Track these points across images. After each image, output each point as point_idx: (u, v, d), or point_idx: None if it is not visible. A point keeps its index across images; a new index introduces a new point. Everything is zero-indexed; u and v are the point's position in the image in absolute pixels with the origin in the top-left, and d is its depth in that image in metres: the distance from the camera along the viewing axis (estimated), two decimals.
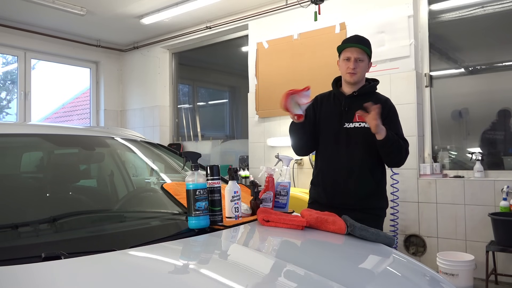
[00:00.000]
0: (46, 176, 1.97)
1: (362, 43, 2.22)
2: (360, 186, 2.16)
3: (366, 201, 2.15)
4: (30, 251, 1.18)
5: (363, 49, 2.19)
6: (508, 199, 3.31)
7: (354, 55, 2.17)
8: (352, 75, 2.19)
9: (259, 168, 2.05)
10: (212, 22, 5.39)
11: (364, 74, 2.25)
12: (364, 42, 2.25)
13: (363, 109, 2.11)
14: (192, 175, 1.49)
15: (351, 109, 2.21)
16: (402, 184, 3.82)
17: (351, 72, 2.18)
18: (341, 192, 2.18)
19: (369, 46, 2.25)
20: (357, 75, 2.19)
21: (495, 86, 3.75)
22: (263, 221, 1.61)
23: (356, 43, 2.20)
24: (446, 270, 3.23)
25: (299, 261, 1.27)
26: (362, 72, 2.21)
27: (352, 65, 2.17)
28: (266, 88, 4.84)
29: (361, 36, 2.29)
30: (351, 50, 2.19)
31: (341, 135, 2.20)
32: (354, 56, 2.17)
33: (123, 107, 6.67)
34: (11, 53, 5.69)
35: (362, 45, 2.20)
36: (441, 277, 1.44)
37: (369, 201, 2.16)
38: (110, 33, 5.96)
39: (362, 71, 2.21)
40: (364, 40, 2.26)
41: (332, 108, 2.28)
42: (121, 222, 1.64)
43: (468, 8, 3.83)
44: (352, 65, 2.17)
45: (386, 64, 3.96)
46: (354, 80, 2.21)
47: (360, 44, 2.20)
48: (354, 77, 2.19)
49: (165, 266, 1.18)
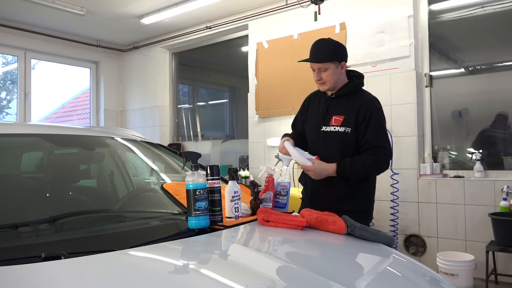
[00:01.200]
0: (46, 176, 1.97)
1: (318, 57, 2.15)
2: (331, 190, 2.13)
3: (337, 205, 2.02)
4: (30, 251, 1.18)
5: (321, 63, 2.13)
6: (508, 199, 3.31)
7: (316, 67, 2.16)
8: (321, 84, 2.19)
9: (259, 168, 2.05)
10: (212, 22, 5.39)
11: (337, 78, 2.17)
12: (321, 53, 2.15)
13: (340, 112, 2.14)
14: (192, 175, 1.49)
15: (329, 112, 2.19)
16: (402, 184, 3.82)
17: (319, 83, 2.19)
18: (316, 195, 2.20)
19: (329, 54, 2.14)
20: (327, 84, 2.17)
21: (495, 86, 3.75)
22: (263, 221, 1.61)
23: (312, 60, 2.16)
24: (446, 270, 3.23)
25: (299, 261, 1.27)
26: (330, 78, 2.15)
27: (316, 77, 2.17)
28: (266, 88, 4.84)
29: (320, 45, 2.19)
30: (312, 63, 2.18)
31: (319, 138, 2.20)
32: (316, 68, 2.16)
33: (123, 107, 6.67)
34: (11, 53, 5.69)
35: (318, 61, 2.14)
36: (441, 277, 1.44)
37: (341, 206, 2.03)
38: (110, 33, 5.96)
39: (330, 78, 2.15)
40: (321, 51, 2.16)
41: (315, 109, 2.28)
42: (121, 222, 1.64)
43: (468, 8, 3.83)
44: (316, 77, 2.17)
45: (386, 64, 3.96)
46: (325, 89, 2.20)
47: (315, 61, 2.14)
48: (323, 86, 2.19)
49: (165, 266, 1.18)
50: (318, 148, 2.18)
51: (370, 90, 2.28)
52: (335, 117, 2.15)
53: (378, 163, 2.07)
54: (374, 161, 2.06)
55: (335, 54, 2.16)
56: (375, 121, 2.10)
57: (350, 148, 2.12)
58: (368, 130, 2.08)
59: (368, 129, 2.08)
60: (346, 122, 2.12)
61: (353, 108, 2.12)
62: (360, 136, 2.10)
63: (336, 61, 2.15)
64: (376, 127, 2.10)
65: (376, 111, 2.13)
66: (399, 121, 3.87)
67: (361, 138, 2.10)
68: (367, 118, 2.09)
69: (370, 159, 2.06)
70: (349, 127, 2.11)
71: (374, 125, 2.10)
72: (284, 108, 4.65)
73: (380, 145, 2.09)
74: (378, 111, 2.14)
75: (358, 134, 2.11)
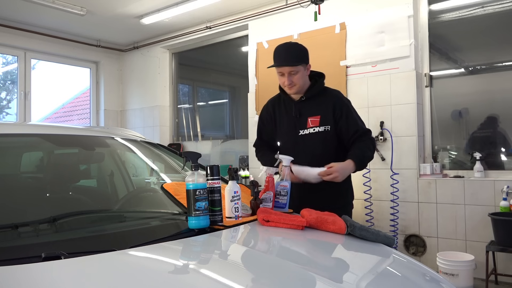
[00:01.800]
0: (46, 176, 1.97)
1: (289, 60, 2.14)
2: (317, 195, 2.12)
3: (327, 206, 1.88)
4: (30, 251, 1.18)
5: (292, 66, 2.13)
6: (508, 199, 3.31)
7: (286, 71, 2.14)
8: (290, 88, 2.18)
9: (259, 168, 2.05)
10: (212, 22, 5.39)
11: (304, 80, 2.20)
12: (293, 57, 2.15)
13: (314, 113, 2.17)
14: (192, 175, 1.49)
15: (302, 115, 2.20)
16: (402, 184, 3.82)
17: (289, 86, 2.17)
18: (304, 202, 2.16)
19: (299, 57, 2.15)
20: (296, 86, 2.17)
21: (495, 86, 3.75)
22: (263, 221, 1.61)
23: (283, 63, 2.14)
24: (446, 270, 3.23)
25: (299, 261, 1.27)
26: (300, 81, 2.17)
27: (287, 81, 2.15)
28: (266, 88, 4.84)
29: (287, 49, 2.19)
30: (281, 67, 2.15)
31: (297, 142, 2.20)
32: (286, 72, 2.14)
33: (123, 107, 6.67)
34: (11, 53, 5.69)
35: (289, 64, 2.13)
36: (441, 277, 1.44)
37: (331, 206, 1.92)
38: (110, 33, 5.96)
39: (300, 80, 2.16)
40: (290, 54, 2.16)
41: (284, 115, 2.27)
42: (121, 222, 1.64)
43: (468, 8, 3.83)
44: (287, 81, 2.15)
45: (386, 64, 3.96)
46: (295, 92, 2.21)
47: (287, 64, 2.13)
48: (293, 89, 2.19)
49: (165, 266, 1.18)
50: (298, 152, 2.14)
51: (370, 90, 2.30)
52: (311, 119, 2.18)
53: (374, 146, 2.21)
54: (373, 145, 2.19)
55: (304, 56, 2.19)
56: (352, 112, 2.22)
57: (333, 145, 2.18)
58: (350, 121, 2.18)
59: (350, 120, 2.18)
60: (324, 121, 2.17)
61: (327, 106, 2.18)
62: (344, 129, 2.17)
63: (304, 64, 2.17)
64: (354, 116, 2.21)
65: (347, 102, 2.26)
66: (399, 121, 3.87)
67: (345, 131, 2.17)
68: (344, 111, 2.18)
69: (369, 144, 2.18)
70: (327, 125, 2.17)
71: (352, 115, 2.20)
72: None
73: (366, 130, 2.22)
74: (348, 103, 2.26)
75: (339, 129, 2.18)
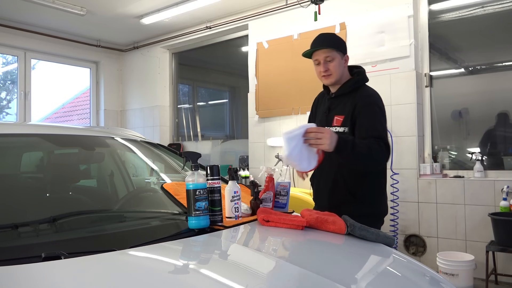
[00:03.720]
0: (46, 176, 1.97)
1: (326, 43, 2.09)
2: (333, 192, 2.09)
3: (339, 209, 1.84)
4: (30, 251, 1.18)
5: (328, 48, 2.06)
6: (508, 199, 3.31)
7: (322, 57, 2.07)
8: (326, 77, 2.10)
9: (259, 168, 2.04)
10: (212, 22, 5.39)
11: (342, 71, 2.11)
12: (328, 40, 2.11)
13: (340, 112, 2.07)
14: (192, 175, 1.49)
15: (331, 112, 2.15)
16: (402, 184, 3.82)
17: (325, 75, 2.10)
18: (321, 197, 2.18)
19: (335, 42, 2.11)
20: (333, 76, 2.09)
21: (495, 86, 3.75)
22: (263, 221, 1.61)
23: (319, 46, 2.09)
24: (446, 270, 3.23)
25: (299, 261, 1.27)
26: (336, 70, 2.08)
27: (323, 68, 2.08)
28: (266, 88, 4.84)
29: (324, 35, 2.16)
30: (317, 53, 2.09)
31: None
32: (322, 58, 2.08)
33: (123, 107, 6.67)
34: (11, 53, 5.69)
35: (326, 46, 2.08)
36: (441, 277, 1.44)
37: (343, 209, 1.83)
38: (110, 33, 5.96)
39: (337, 69, 2.08)
40: (327, 38, 2.13)
41: (320, 110, 2.25)
42: (121, 222, 1.64)
43: (468, 8, 3.83)
44: (323, 68, 2.08)
45: (386, 64, 3.96)
46: (331, 82, 2.12)
47: (323, 46, 2.08)
48: (330, 79, 2.10)
49: (165, 266, 1.18)
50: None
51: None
52: (337, 117, 2.10)
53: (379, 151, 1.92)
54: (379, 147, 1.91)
55: (340, 44, 2.12)
56: (371, 112, 2.01)
57: None
58: (364, 121, 1.99)
59: (365, 120, 1.99)
60: (345, 122, 2.06)
61: (352, 106, 2.05)
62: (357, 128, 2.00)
63: (341, 52, 2.10)
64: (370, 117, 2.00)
65: (373, 104, 2.04)
66: (399, 121, 3.87)
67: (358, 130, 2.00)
68: (362, 110, 2.01)
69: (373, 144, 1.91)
70: (346, 126, 2.05)
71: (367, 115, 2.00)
72: (284, 108, 4.65)
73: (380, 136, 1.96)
74: (375, 105, 2.04)
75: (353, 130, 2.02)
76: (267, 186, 1.86)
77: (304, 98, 4.39)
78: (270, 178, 1.88)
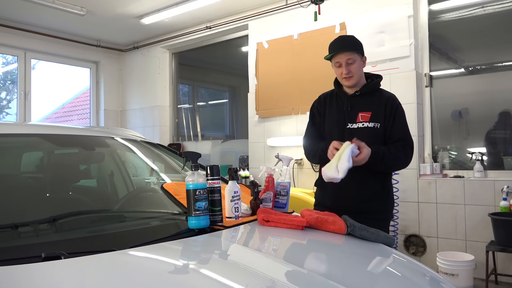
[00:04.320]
0: (46, 176, 1.97)
1: (347, 46, 2.16)
2: (361, 189, 2.11)
3: (367, 204, 2.09)
4: (30, 251, 1.18)
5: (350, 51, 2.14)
6: (508, 199, 3.31)
7: (344, 60, 2.13)
8: (348, 79, 2.16)
9: (259, 168, 2.04)
10: (212, 22, 5.39)
11: (361, 73, 2.21)
12: (350, 43, 2.18)
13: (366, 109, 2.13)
14: (192, 175, 1.49)
15: (353, 109, 2.18)
16: (402, 184, 3.82)
17: (346, 77, 2.16)
18: (343, 195, 2.15)
19: (355, 44, 2.18)
20: (354, 77, 2.16)
21: (495, 86, 3.75)
22: (263, 221, 1.61)
23: (341, 49, 2.15)
24: (446, 270, 3.23)
25: (299, 261, 1.27)
26: (357, 72, 2.16)
27: (345, 70, 2.14)
28: (266, 88, 4.84)
29: (345, 37, 2.22)
30: (339, 56, 2.15)
31: (345, 136, 2.15)
32: (343, 61, 2.13)
33: (123, 107, 6.67)
34: (11, 53, 5.69)
35: (348, 49, 2.14)
36: (441, 277, 1.44)
37: (371, 204, 2.10)
38: (110, 33, 5.96)
39: (357, 71, 2.16)
40: (348, 41, 2.21)
41: (335, 108, 2.25)
42: (121, 222, 1.64)
43: (468, 8, 3.83)
44: (345, 70, 2.14)
45: (386, 64, 3.96)
46: (352, 84, 2.18)
47: (345, 49, 2.14)
48: (351, 80, 2.17)
49: (165, 266, 1.18)
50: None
51: None
52: (362, 114, 2.15)
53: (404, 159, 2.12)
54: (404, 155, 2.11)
55: (359, 46, 2.20)
56: (400, 115, 2.17)
57: (380, 143, 2.12)
58: (394, 123, 2.13)
59: (395, 122, 2.13)
60: (375, 118, 2.14)
61: (379, 104, 2.16)
62: (388, 129, 2.14)
63: (360, 54, 2.18)
64: (401, 121, 2.17)
65: (400, 106, 2.21)
66: None
67: (389, 132, 2.14)
68: (393, 112, 2.14)
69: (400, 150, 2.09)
70: (378, 122, 2.14)
71: (399, 119, 2.16)
72: (284, 108, 4.66)
73: (407, 137, 2.15)
74: (401, 107, 2.21)
75: (384, 127, 2.14)
76: (267, 186, 1.86)
77: (304, 98, 4.39)
78: (270, 178, 1.88)
